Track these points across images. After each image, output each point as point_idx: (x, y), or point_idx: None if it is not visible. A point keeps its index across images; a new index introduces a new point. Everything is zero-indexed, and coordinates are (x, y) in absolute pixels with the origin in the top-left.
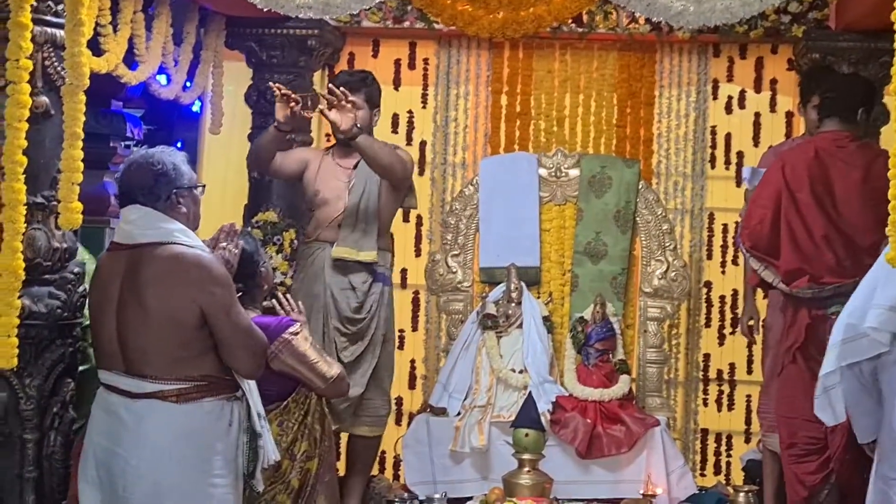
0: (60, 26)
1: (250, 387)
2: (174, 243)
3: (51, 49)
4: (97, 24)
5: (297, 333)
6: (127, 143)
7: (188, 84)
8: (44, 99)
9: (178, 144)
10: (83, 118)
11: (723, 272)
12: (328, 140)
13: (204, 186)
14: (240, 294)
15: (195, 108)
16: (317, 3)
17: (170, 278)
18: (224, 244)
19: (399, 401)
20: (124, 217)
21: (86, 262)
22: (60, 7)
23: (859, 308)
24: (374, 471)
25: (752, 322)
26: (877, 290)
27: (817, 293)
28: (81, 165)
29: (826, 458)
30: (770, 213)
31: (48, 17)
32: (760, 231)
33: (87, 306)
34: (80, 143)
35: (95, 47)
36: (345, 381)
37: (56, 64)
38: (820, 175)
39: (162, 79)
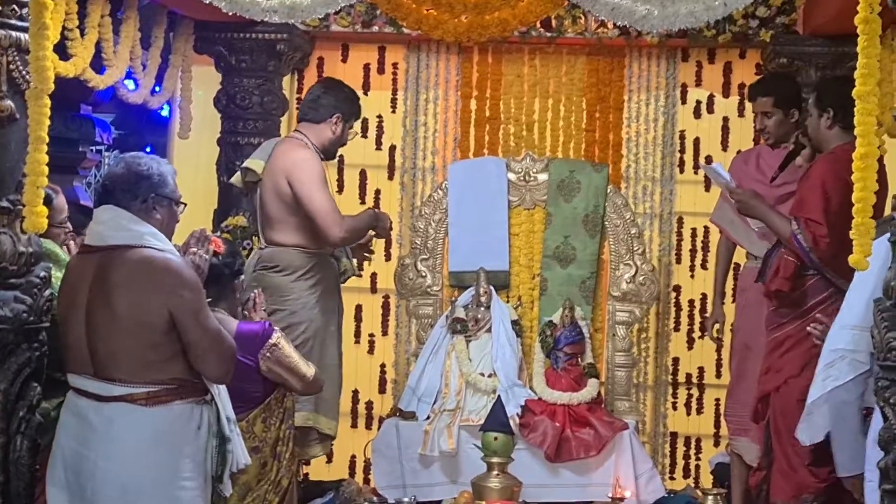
0: (25, 30)
1: (220, 391)
2: (144, 247)
3: (15, 53)
4: (64, 27)
5: (280, 337)
6: (97, 147)
7: (157, 88)
8: (8, 103)
9: (148, 149)
10: (48, 122)
11: (692, 276)
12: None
13: (185, 205)
14: (217, 299)
15: (164, 112)
16: (282, 8)
17: (139, 282)
18: (195, 249)
19: (369, 405)
20: (96, 217)
21: (63, 259)
22: (25, 11)
23: (838, 334)
24: (345, 474)
25: (717, 325)
26: (844, 311)
27: None
28: (46, 169)
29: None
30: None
31: (12, 21)
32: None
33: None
34: (45, 147)
35: (63, 52)
36: (319, 380)
37: (21, 67)
38: None
39: (130, 84)
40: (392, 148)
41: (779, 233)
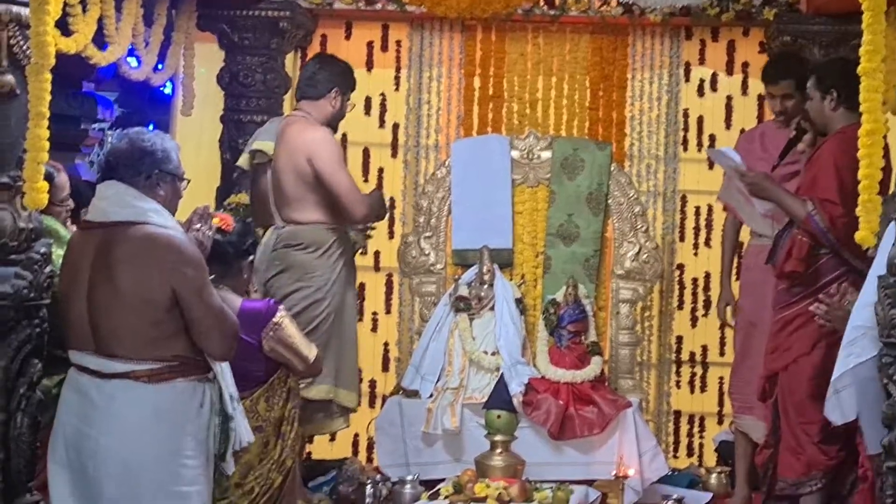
0: (26, 5)
1: (222, 369)
2: (147, 223)
3: (16, 28)
4: (66, 3)
5: (284, 317)
6: (99, 125)
7: (160, 66)
8: (9, 78)
9: (151, 127)
10: (48, 97)
11: (695, 254)
12: None
13: (188, 181)
14: (222, 277)
15: (167, 90)
16: None
17: (141, 259)
18: (198, 226)
19: (372, 383)
20: (99, 193)
21: (63, 236)
22: None
23: (863, 310)
24: (348, 453)
25: (729, 306)
26: (866, 287)
27: None
28: (47, 145)
29: (847, 441)
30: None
31: None
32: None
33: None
34: (46, 123)
35: (64, 28)
36: (320, 361)
37: (21, 43)
38: None
39: (132, 61)
40: (395, 126)
41: (793, 214)
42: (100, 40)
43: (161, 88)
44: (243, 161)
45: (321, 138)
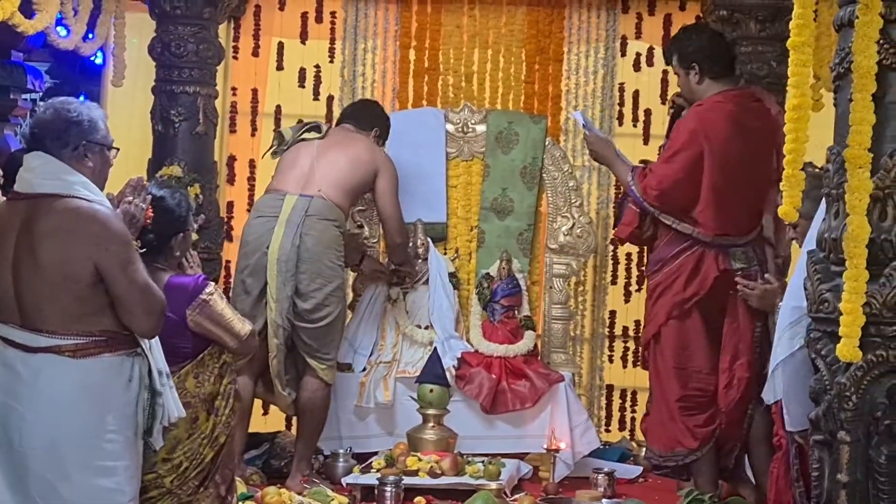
0: None
1: (151, 344)
2: (73, 196)
3: None
4: None
5: (213, 293)
6: (29, 95)
7: (90, 35)
8: None
9: (81, 98)
10: None
11: None
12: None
13: (118, 150)
14: (152, 250)
15: (97, 60)
16: None
17: (64, 233)
18: (130, 198)
19: None
20: (26, 164)
21: None
22: None
23: (801, 289)
24: (280, 426)
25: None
26: (799, 264)
27: (735, 241)
28: None
29: (713, 412)
30: (684, 175)
31: None
32: (672, 192)
33: None
34: None
35: None
36: (255, 337)
37: None
38: (741, 132)
39: (62, 30)
40: (330, 98)
41: (620, 181)
42: (28, 8)
43: (92, 59)
44: (286, 131)
45: (390, 163)
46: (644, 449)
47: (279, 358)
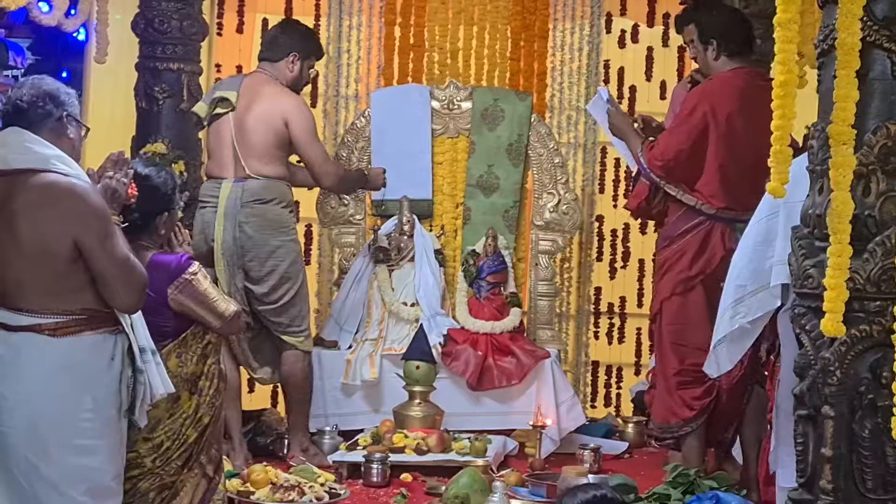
0: None
1: (132, 321)
2: (50, 171)
3: None
4: None
5: (196, 273)
6: (10, 72)
7: (72, 11)
8: None
9: (64, 74)
10: None
11: (615, 206)
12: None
13: (88, 129)
14: (137, 228)
15: (80, 36)
16: None
17: (42, 208)
18: (111, 173)
19: None
20: (1, 140)
21: None
22: None
23: (745, 268)
24: (266, 404)
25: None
26: (775, 245)
27: (739, 216)
28: None
29: (710, 386)
30: (688, 146)
31: None
32: (676, 163)
33: None
34: None
35: None
36: (241, 318)
37: None
38: (746, 108)
39: (44, 6)
40: (315, 75)
41: (633, 154)
42: None
43: (75, 35)
44: (200, 109)
45: (297, 106)
46: (629, 425)
47: (242, 346)
